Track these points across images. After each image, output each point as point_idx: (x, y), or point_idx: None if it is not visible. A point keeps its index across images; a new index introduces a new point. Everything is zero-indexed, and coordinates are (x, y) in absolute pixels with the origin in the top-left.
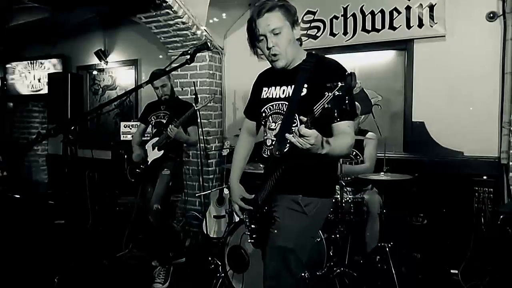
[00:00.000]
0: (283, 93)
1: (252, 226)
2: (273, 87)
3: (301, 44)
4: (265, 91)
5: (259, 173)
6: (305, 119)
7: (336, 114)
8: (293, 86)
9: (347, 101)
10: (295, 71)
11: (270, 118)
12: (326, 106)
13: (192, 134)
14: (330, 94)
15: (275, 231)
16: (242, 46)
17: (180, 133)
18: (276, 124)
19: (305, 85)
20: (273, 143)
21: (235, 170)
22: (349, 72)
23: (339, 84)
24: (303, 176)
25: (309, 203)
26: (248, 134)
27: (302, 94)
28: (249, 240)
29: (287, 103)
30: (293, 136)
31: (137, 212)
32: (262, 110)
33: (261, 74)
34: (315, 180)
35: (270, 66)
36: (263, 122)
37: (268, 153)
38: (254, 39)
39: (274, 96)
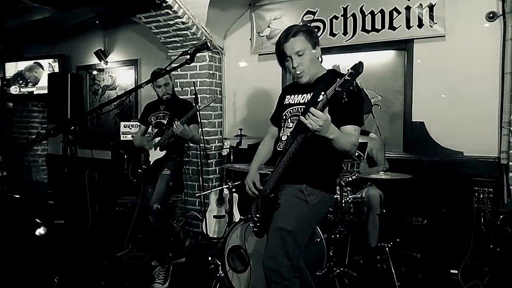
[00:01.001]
0: (302, 99)
1: (258, 215)
2: (295, 95)
3: (321, 61)
4: (287, 98)
5: (262, 174)
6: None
7: (345, 99)
8: (311, 93)
9: (354, 85)
10: (315, 83)
11: (289, 119)
12: (337, 89)
13: (194, 132)
14: (341, 79)
15: (278, 215)
16: (242, 46)
17: (186, 130)
18: (293, 124)
19: (322, 92)
20: (288, 137)
21: (257, 160)
22: (357, 62)
23: (349, 70)
24: (309, 169)
25: (312, 193)
26: (272, 138)
27: (319, 99)
28: (253, 230)
29: (305, 107)
30: (306, 117)
31: (138, 212)
32: (283, 114)
33: (286, 87)
34: (319, 174)
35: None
36: (282, 124)
37: (282, 147)
38: (283, 59)
39: (294, 102)
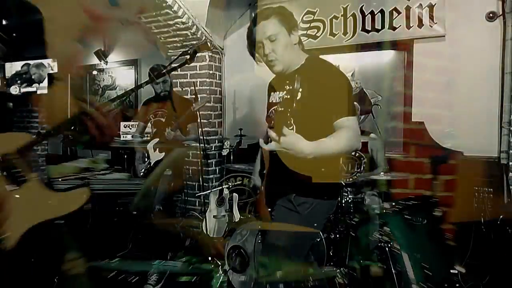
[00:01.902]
0: (282, 98)
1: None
2: (276, 92)
3: (302, 48)
4: (271, 95)
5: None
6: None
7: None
8: (290, 90)
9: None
10: (293, 76)
11: (273, 122)
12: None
13: (192, 131)
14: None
15: (270, 229)
16: (242, 46)
17: (178, 137)
18: None
19: (300, 89)
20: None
21: (256, 166)
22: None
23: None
24: (296, 176)
25: (302, 202)
26: None
27: (297, 98)
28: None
29: (283, 108)
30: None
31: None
32: (268, 114)
33: (271, 81)
34: (308, 181)
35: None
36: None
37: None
38: (252, 46)
39: (275, 101)
